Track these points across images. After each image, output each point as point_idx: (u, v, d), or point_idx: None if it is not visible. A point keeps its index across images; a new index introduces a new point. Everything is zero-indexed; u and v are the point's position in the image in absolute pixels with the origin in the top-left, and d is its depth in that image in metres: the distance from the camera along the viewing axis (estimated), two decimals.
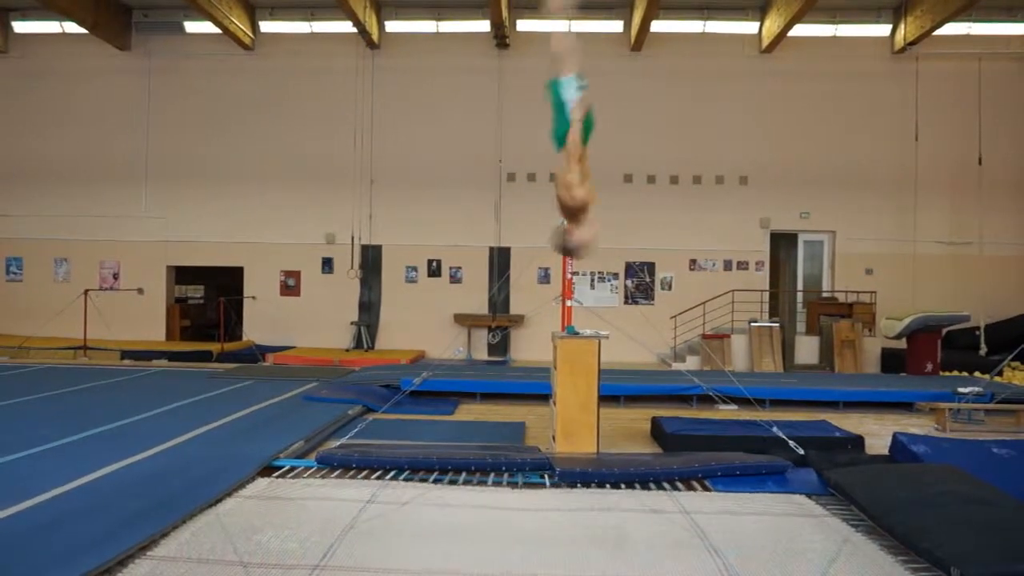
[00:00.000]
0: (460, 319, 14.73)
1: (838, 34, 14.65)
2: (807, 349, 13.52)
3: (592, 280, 15.02)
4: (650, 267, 14.99)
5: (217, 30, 14.18)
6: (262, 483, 5.20)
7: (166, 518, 4.16)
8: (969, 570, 3.17)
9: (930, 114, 14.37)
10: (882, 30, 14.61)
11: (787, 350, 13.44)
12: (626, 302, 14.89)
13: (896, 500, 4.26)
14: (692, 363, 13.23)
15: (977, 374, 11.61)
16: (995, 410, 8.21)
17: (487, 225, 14.99)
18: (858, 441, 6.53)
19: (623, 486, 5.27)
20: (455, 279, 15.12)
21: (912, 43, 14.09)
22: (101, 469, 5.19)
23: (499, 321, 14.74)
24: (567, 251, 5.33)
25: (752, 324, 13.52)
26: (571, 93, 5.19)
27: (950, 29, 13.92)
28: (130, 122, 15.23)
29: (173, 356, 13.29)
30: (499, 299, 14.96)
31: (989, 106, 14.21)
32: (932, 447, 5.41)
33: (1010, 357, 9.61)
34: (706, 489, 5.28)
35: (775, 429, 6.17)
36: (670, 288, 14.91)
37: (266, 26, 15.14)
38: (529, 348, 14.46)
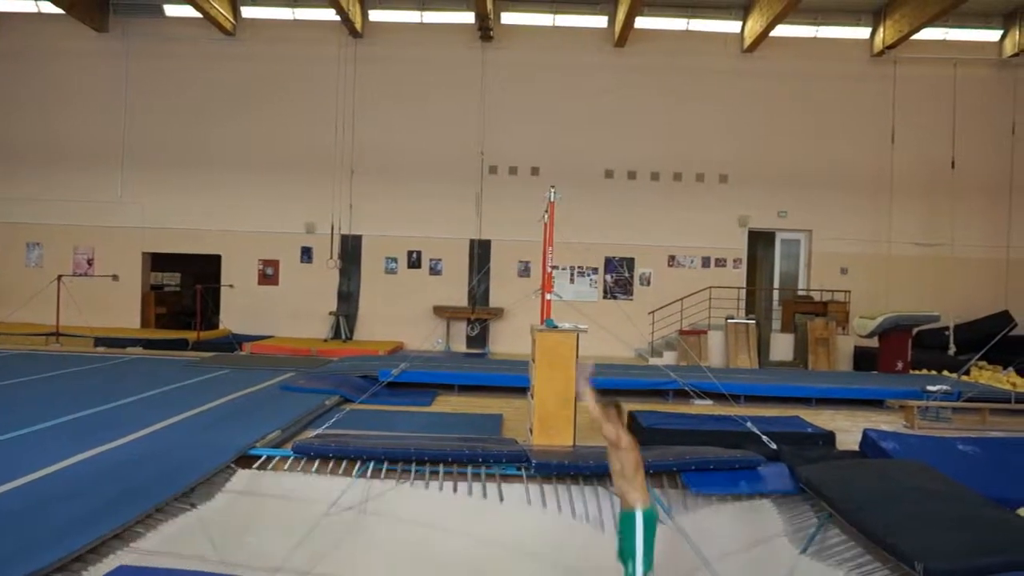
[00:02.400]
0: (439, 311, 14.72)
1: (819, 35, 14.81)
2: (782, 346, 13.70)
3: (572, 274, 15.08)
4: (629, 263, 15.08)
5: (197, 14, 13.96)
6: (238, 471, 5.19)
7: (142, 505, 4.14)
8: (932, 564, 3.26)
9: (906, 117, 14.59)
10: (862, 33, 14.80)
11: (762, 347, 13.61)
12: (605, 297, 14.98)
13: (865, 495, 4.36)
14: (669, 358, 13.35)
15: (946, 373, 11.85)
16: (962, 408, 8.40)
17: (468, 217, 14.97)
18: (829, 437, 6.65)
19: (598, 478, 5.33)
20: (435, 271, 15.10)
21: (891, 46, 14.30)
22: (76, 456, 5.13)
23: (478, 313, 14.75)
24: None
25: (729, 321, 13.68)
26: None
27: (928, 34, 14.15)
28: (107, 106, 14.96)
29: (148, 344, 13.13)
30: (479, 292, 14.97)
31: (963, 111, 14.45)
32: (901, 444, 5.54)
33: (976, 357, 9.84)
34: (680, 482, 5.36)
35: (749, 424, 6.27)
36: (649, 284, 15.02)
37: (248, 11, 14.95)
38: (508, 341, 14.49)
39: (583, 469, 5.40)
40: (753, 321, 13.78)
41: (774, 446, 5.91)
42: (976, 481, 4.76)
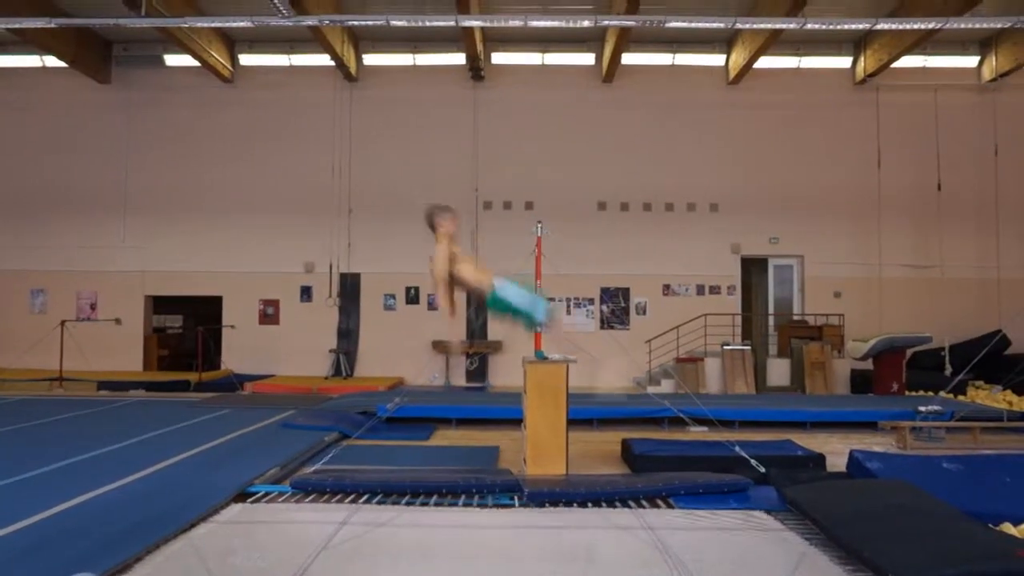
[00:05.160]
0: (438, 346, 14.86)
1: (802, 66, 15.19)
2: (778, 371, 13.80)
3: (568, 305, 15.25)
4: (625, 292, 15.27)
5: (196, 63, 14.41)
6: (236, 508, 5.31)
7: (140, 543, 4.26)
8: (902, 574, 3.37)
9: (891, 142, 14.90)
10: (843, 62, 15.18)
11: (759, 372, 13.71)
12: (602, 327, 15.12)
13: (846, 513, 4.47)
14: (667, 387, 13.45)
15: (942, 393, 11.92)
16: (956, 427, 8.49)
17: (465, 252, 15.16)
18: (819, 459, 6.75)
19: (590, 505, 5.44)
20: (433, 306, 15.28)
21: (872, 75, 14.66)
22: (77, 497, 5.25)
23: (477, 347, 14.89)
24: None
25: (725, 347, 13.80)
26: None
27: (907, 62, 14.52)
28: (109, 154, 15.34)
29: (151, 386, 13.27)
30: (476, 325, 15.13)
31: (946, 134, 14.77)
32: (885, 463, 5.65)
33: (961, 375, 10.01)
34: (670, 507, 5.46)
35: (737, 448, 6.37)
36: (645, 313, 15.18)
37: (245, 59, 15.40)
38: (508, 373, 14.60)
39: (574, 496, 5.51)
40: (749, 347, 13.90)
41: (763, 469, 6.02)
42: (958, 498, 4.86)
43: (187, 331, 17.00)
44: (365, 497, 5.58)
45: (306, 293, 15.37)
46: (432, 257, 4.51)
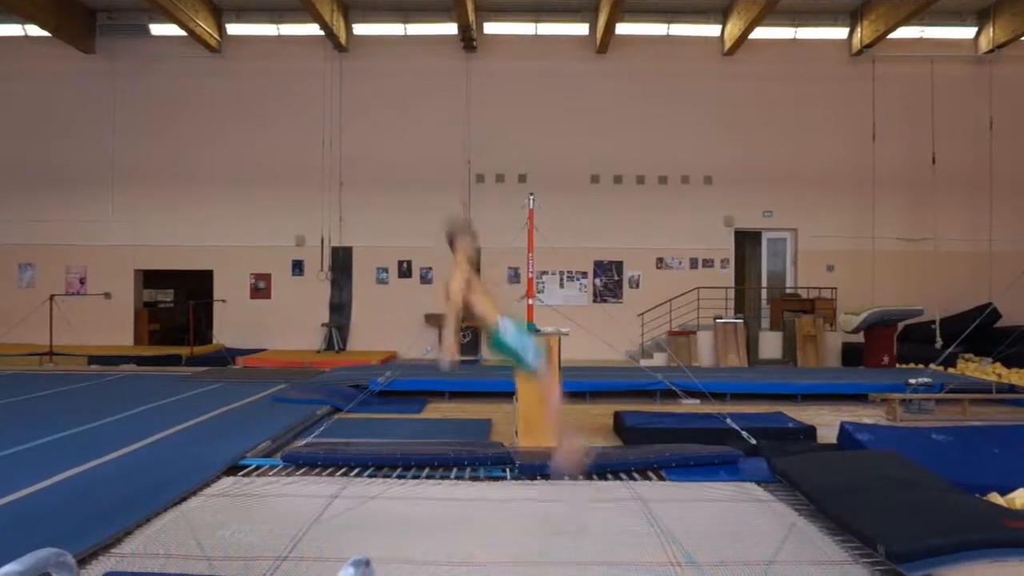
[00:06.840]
0: (431, 319, 14.83)
1: (798, 37, 15.02)
2: (771, 344, 13.84)
3: (561, 279, 15.22)
4: (618, 266, 15.23)
5: (183, 32, 14.13)
6: (227, 481, 5.29)
7: (130, 517, 4.24)
8: (892, 546, 3.39)
9: (886, 114, 14.80)
10: (839, 33, 15.01)
11: (751, 345, 13.75)
12: (595, 300, 15.11)
13: (835, 484, 4.49)
14: (660, 360, 13.48)
15: (932, 366, 11.99)
16: (945, 399, 8.55)
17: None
18: (810, 431, 6.79)
19: (581, 477, 5.44)
20: (426, 279, 15.23)
21: (868, 46, 14.51)
22: (67, 471, 5.23)
23: (470, 321, 14.81)
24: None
25: (717, 321, 13.82)
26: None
27: (904, 33, 14.37)
28: (95, 125, 15.10)
29: (142, 361, 13.22)
30: None
31: (942, 107, 14.67)
32: (875, 435, 5.67)
33: (951, 348, 10.05)
34: (661, 479, 5.48)
35: (729, 420, 6.39)
36: (638, 286, 15.17)
37: (233, 28, 15.11)
38: None
39: None
40: (741, 320, 13.92)
41: (753, 441, 6.04)
42: (947, 469, 4.88)
43: (178, 305, 16.91)
44: (357, 470, 5.58)
45: (298, 267, 15.27)
46: (447, 283, 4.32)
